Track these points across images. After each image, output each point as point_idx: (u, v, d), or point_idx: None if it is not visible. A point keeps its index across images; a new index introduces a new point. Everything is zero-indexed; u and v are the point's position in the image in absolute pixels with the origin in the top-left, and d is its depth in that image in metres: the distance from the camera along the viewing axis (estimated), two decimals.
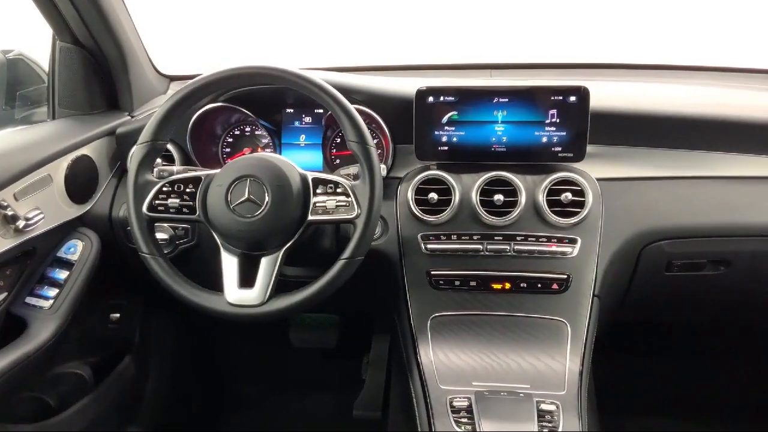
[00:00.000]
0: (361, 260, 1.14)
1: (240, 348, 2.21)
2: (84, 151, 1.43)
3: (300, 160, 1.45)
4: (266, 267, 1.14)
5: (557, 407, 1.14)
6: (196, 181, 1.17)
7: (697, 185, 1.37)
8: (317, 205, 1.14)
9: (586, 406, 1.18)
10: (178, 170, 1.21)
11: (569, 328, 1.27)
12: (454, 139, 1.35)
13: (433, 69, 1.80)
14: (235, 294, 1.13)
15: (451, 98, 1.33)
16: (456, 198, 1.32)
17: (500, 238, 1.32)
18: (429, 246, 1.33)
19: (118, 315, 1.72)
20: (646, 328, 1.91)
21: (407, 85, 1.38)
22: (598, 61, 1.75)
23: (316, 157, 1.50)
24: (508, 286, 1.31)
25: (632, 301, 1.46)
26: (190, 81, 1.18)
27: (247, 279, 1.14)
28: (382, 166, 1.37)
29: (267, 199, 1.12)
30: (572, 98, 1.30)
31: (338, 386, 2.09)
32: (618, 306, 1.46)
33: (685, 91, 1.59)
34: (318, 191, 1.15)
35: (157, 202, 1.16)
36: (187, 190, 1.17)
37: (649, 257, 1.36)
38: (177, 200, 1.16)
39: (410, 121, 1.34)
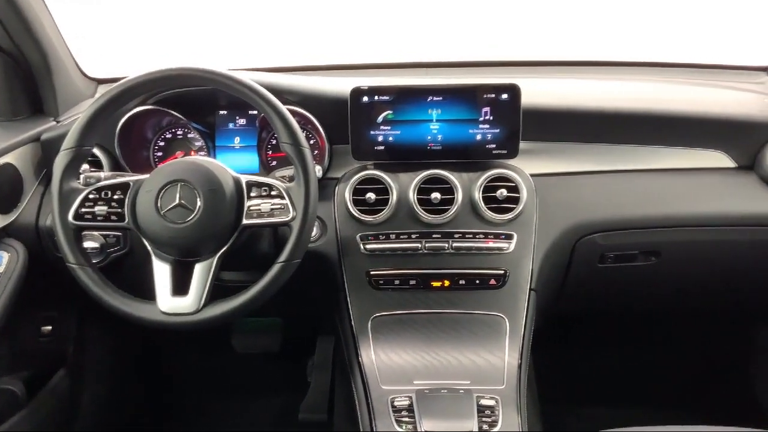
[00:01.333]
0: (299, 263, 1.12)
1: (183, 355, 2.17)
2: (7, 159, 1.37)
3: (235, 163, 1.44)
4: (200, 273, 1.11)
5: (497, 402, 1.15)
6: (124, 187, 1.14)
7: (627, 178, 1.41)
8: (251, 208, 1.13)
9: (526, 398, 1.20)
10: (105, 176, 1.17)
11: (507, 323, 1.29)
12: (390, 138, 1.35)
13: (369, 68, 1.79)
14: (168, 302, 1.10)
15: (386, 97, 1.33)
16: (393, 197, 1.32)
17: (438, 236, 1.32)
18: (368, 246, 1.32)
19: (50, 327, 1.66)
20: (585, 319, 1.96)
21: (342, 85, 1.38)
22: (531, 59, 1.78)
23: (251, 160, 1.48)
24: (447, 283, 1.32)
25: (568, 293, 1.49)
26: (116, 84, 1.15)
27: (180, 286, 1.12)
28: (318, 167, 1.36)
29: (199, 203, 1.09)
30: (504, 96, 1.31)
31: (284, 390, 2.07)
32: (555, 298, 1.48)
33: (614, 87, 1.64)
34: (252, 194, 1.13)
35: (83, 210, 1.12)
36: (115, 196, 1.13)
37: (582, 250, 1.39)
38: (105, 207, 1.12)
39: (346, 121, 1.34)
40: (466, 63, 1.78)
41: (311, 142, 1.42)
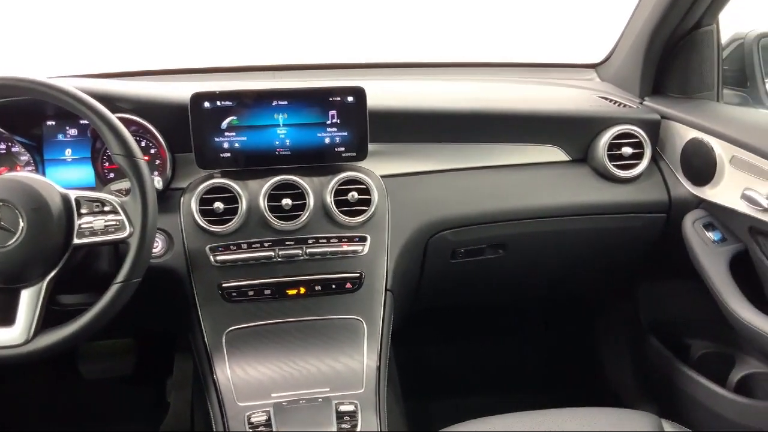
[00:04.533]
0: (139, 282, 1.06)
1: (24, 386, 1.98)
2: None
3: (68, 177, 1.33)
4: (28, 300, 1.01)
5: (356, 406, 1.14)
6: None
7: (472, 175, 1.46)
8: (83, 226, 1.04)
9: (387, 399, 1.21)
10: None
11: (365, 326, 1.29)
12: (236, 144, 1.30)
13: (213, 72, 1.73)
14: None
15: (228, 102, 1.28)
16: (243, 206, 1.28)
17: (292, 242, 1.30)
18: (218, 258, 1.27)
19: None
20: (443, 314, 2.01)
21: (182, 91, 1.31)
22: (376, 61, 1.80)
23: (86, 173, 1.37)
24: (303, 290, 1.29)
25: (425, 290, 1.53)
26: None
27: (6, 316, 1.01)
28: (158, 178, 1.29)
29: (21, 225, 0.99)
30: (350, 99, 1.31)
31: (142, 412, 1.96)
32: (411, 297, 1.51)
33: (456, 88, 1.69)
34: (83, 211, 1.05)
35: None
36: None
37: (435, 247, 1.42)
38: None
39: (188, 128, 1.28)
40: (314, 66, 1.76)
41: (152, 151, 1.34)
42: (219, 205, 1.27)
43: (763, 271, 1.32)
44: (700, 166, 1.42)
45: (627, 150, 1.46)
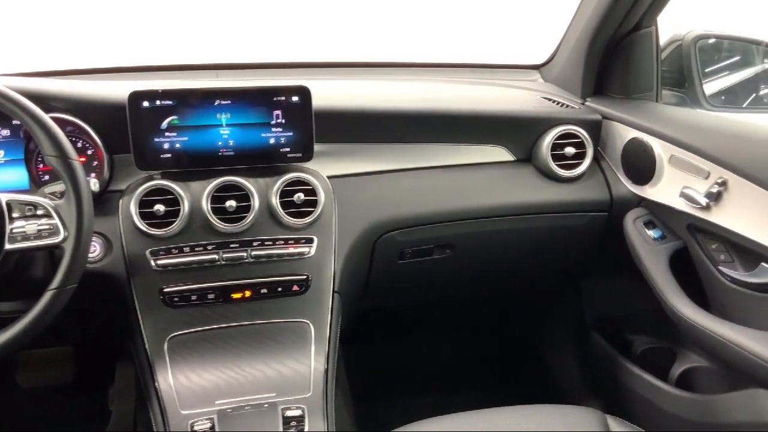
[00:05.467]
0: (74, 288, 1.02)
1: None
2: None
3: (0, 180, 1.28)
4: None
5: (303, 411, 1.13)
6: None
7: (420, 176, 1.46)
8: (15, 231, 1.00)
9: (336, 401, 1.20)
10: None
11: (313, 328, 1.27)
12: (177, 145, 1.27)
13: (153, 71, 1.68)
14: None
15: (169, 102, 1.25)
16: (185, 208, 1.24)
17: (236, 245, 1.27)
18: (159, 262, 1.23)
19: None
20: (392, 314, 2.01)
21: (119, 89, 1.27)
22: (321, 60, 1.78)
23: (20, 175, 1.31)
24: (248, 294, 1.27)
25: (373, 291, 1.52)
26: None
27: None
28: (94, 180, 1.24)
29: None
30: (295, 98, 1.29)
31: (84, 422, 1.89)
32: (360, 298, 1.50)
33: (401, 88, 1.69)
34: (15, 215, 1.00)
35: None
36: None
37: (383, 248, 1.42)
38: None
39: (126, 128, 1.24)
40: (259, 65, 1.73)
41: (88, 152, 1.29)
42: (160, 208, 1.23)
43: (701, 268, 1.36)
44: (640, 165, 1.46)
45: (570, 150, 1.49)
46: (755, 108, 1.79)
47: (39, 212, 1.01)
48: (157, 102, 1.24)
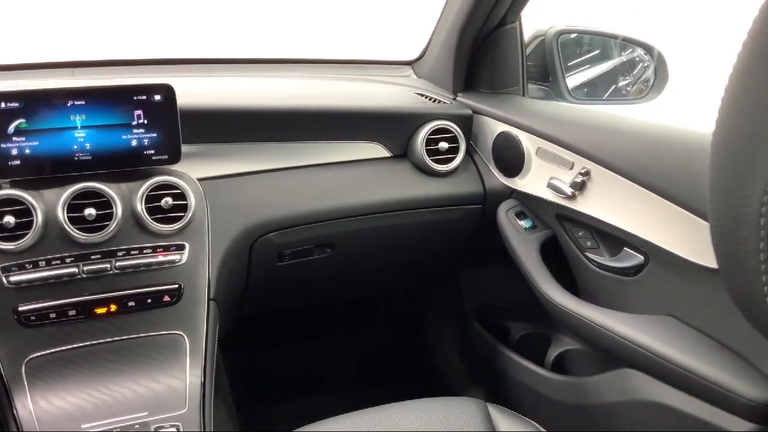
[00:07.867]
0: None
1: None
2: None
3: None
4: None
5: (178, 429, 1.07)
6: None
7: (295, 175, 1.42)
8: None
9: (212, 416, 1.14)
10: None
11: (187, 340, 1.21)
12: (27, 150, 1.16)
13: (1, 70, 1.54)
14: None
15: (14, 104, 1.14)
16: (39, 219, 1.14)
17: (99, 256, 1.18)
18: (12, 278, 1.13)
19: None
20: (274, 317, 1.97)
21: None
22: (187, 57, 1.69)
23: None
24: (114, 308, 1.18)
25: (252, 296, 1.47)
26: None
27: None
28: None
29: None
30: (157, 97, 1.21)
31: None
32: (238, 304, 1.45)
33: (272, 85, 1.65)
34: None
35: None
36: None
37: (260, 251, 1.37)
38: None
39: None
40: (118, 62, 1.62)
41: None
42: (9, 219, 1.12)
43: (570, 255, 1.42)
44: (510, 158, 1.50)
45: (443, 145, 1.51)
46: (614, 99, 1.88)
47: None
48: (2, 104, 1.13)
